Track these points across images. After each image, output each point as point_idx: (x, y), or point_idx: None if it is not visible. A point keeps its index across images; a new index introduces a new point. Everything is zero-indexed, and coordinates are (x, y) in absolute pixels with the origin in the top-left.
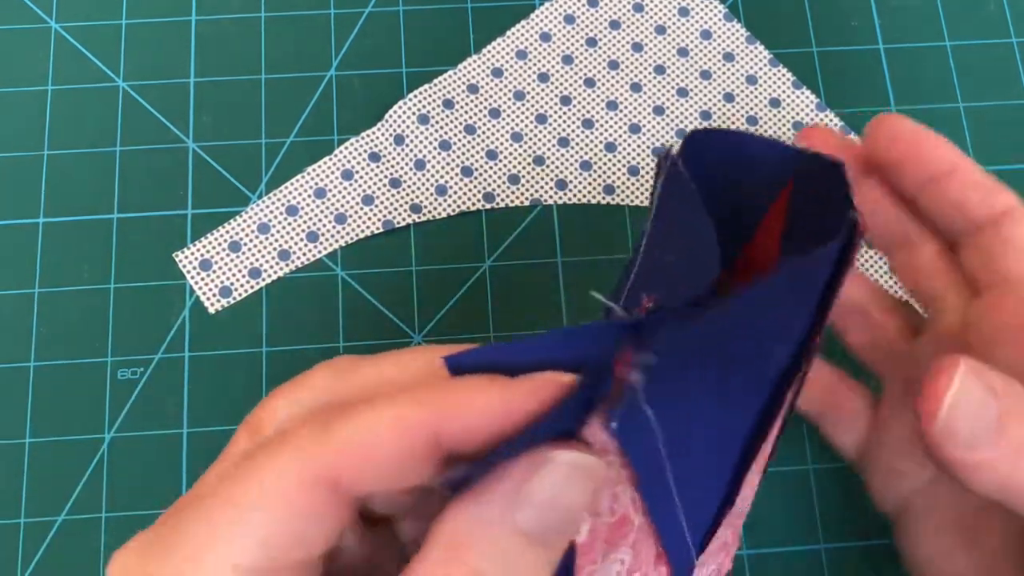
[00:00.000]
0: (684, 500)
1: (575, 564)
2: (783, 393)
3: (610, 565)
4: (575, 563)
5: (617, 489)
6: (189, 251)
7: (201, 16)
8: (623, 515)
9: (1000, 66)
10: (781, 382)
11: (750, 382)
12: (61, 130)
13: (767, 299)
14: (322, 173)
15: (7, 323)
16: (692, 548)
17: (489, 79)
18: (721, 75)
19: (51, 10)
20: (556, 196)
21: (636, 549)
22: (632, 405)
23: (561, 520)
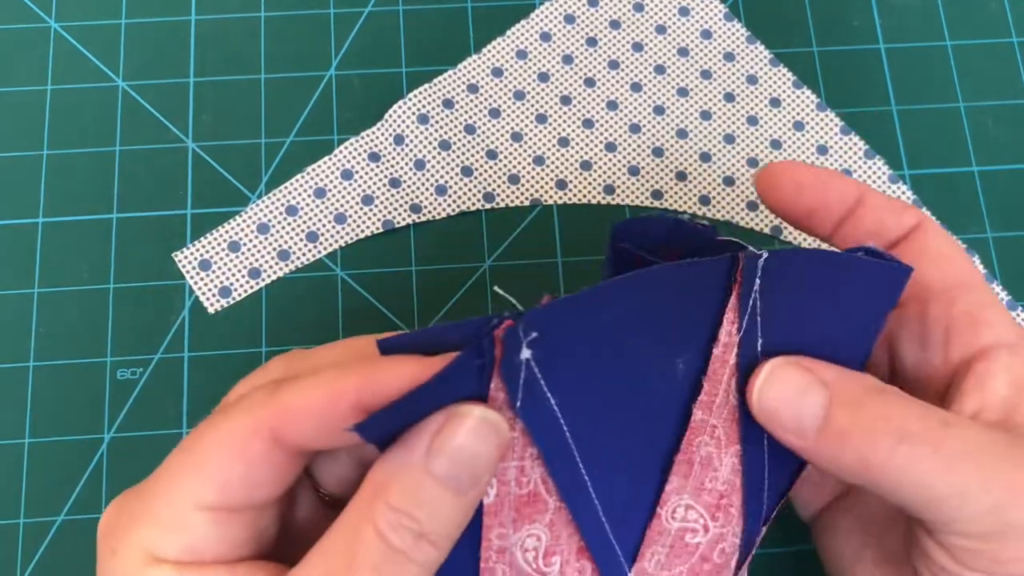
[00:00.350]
0: (607, 504)
1: (483, 523)
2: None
3: (525, 538)
4: (483, 522)
5: (524, 463)
6: (188, 251)
7: (201, 16)
8: (533, 491)
9: (1001, 66)
10: (688, 401)
11: (661, 399)
12: (60, 130)
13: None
14: (322, 173)
15: (7, 323)
16: (620, 556)
17: (489, 79)
18: (721, 75)
19: (50, 10)
20: (556, 196)
21: (555, 532)
22: (533, 387)
23: (470, 468)
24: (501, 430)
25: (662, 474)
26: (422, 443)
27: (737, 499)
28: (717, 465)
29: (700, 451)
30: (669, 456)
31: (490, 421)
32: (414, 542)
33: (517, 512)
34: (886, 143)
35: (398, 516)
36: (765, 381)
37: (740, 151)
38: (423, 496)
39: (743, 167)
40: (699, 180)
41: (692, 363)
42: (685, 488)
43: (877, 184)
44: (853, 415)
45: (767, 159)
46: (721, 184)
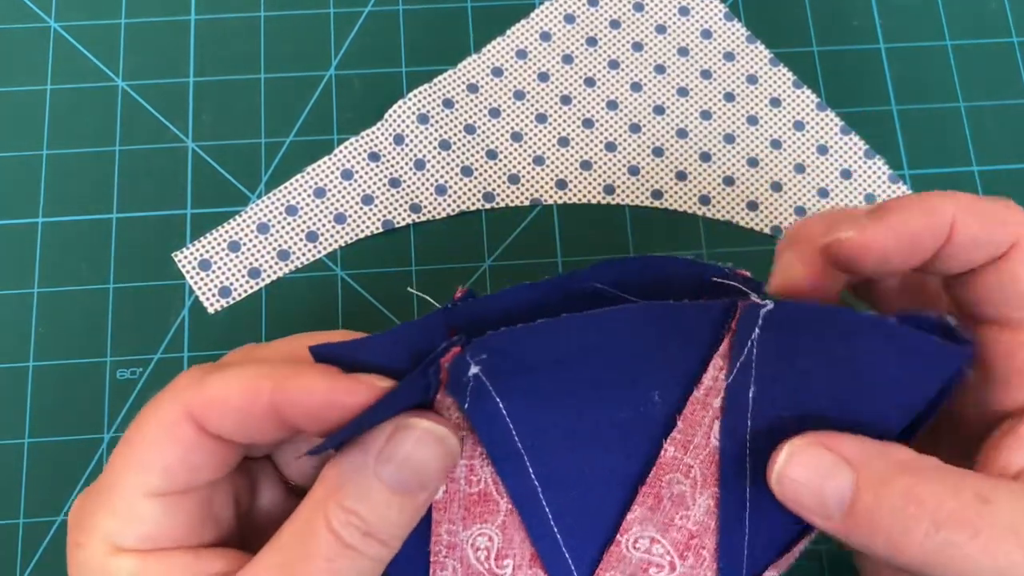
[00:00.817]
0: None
1: (432, 519)
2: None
3: (476, 536)
4: (432, 517)
5: (474, 462)
6: (188, 251)
7: (200, 15)
8: (483, 491)
9: (1001, 66)
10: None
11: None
12: (60, 130)
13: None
14: (322, 173)
15: (7, 323)
16: (574, 570)
17: (489, 79)
18: (721, 74)
19: (50, 9)
20: (556, 196)
21: (507, 535)
22: (482, 393)
23: (418, 476)
24: (448, 442)
25: (625, 501)
26: (374, 449)
27: (710, 542)
28: (690, 504)
29: (672, 488)
30: (634, 485)
31: (436, 433)
32: (363, 539)
33: (466, 510)
34: (886, 143)
35: (348, 516)
36: (785, 464)
37: (740, 151)
38: (372, 498)
39: (743, 167)
40: (699, 180)
41: (669, 399)
42: (650, 520)
43: (877, 184)
44: (881, 498)
45: (767, 159)
46: (721, 184)
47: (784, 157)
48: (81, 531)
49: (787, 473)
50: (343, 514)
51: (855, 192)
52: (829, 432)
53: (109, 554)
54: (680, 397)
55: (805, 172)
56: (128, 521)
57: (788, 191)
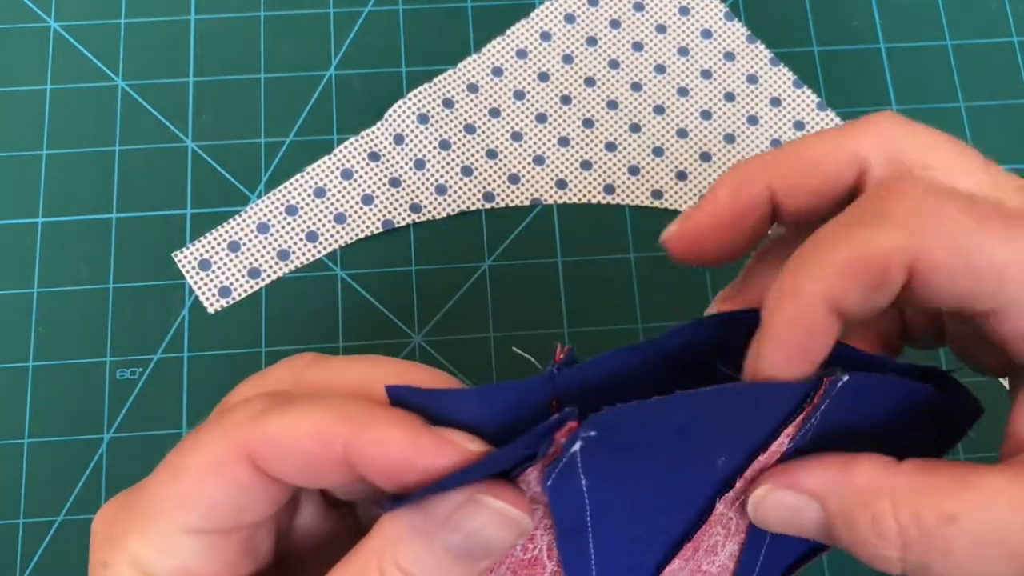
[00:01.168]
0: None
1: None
2: (712, 505)
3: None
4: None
5: (536, 532)
6: (188, 251)
7: (200, 15)
8: (535, 557)
9: (1001, 66)
10: (714, 495)
11: (688, 490)
12: (60, 130)
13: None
14: (322, 173)
15: (7, 323)
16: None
17: (489, 78)
18: (722, 74)
19: (50, 9)
20: (556, 196)
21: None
22: (570, 469)
23: (482, 551)
24: (523, 524)
25: (665, 556)
26: (441, 515)
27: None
28: (718, 551)
29: (710, 540)
30: (679, 542)
31: (511, 515)
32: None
33: (514, 573)
34: None
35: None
36: (755, 511)
37: (740, 151)
38: (429, 564)
39: None
40: (699, 180)
41: (731, 463)
42: (684, 569)
43: None
44: (852, 531)
45: None
46: None
47: None
48: (110, 550)
49: (761, 519)
50: (397, 573)
51: None
52: (791, 465)
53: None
54: (743, 462)
55: None
56: (162, 553)
57: None
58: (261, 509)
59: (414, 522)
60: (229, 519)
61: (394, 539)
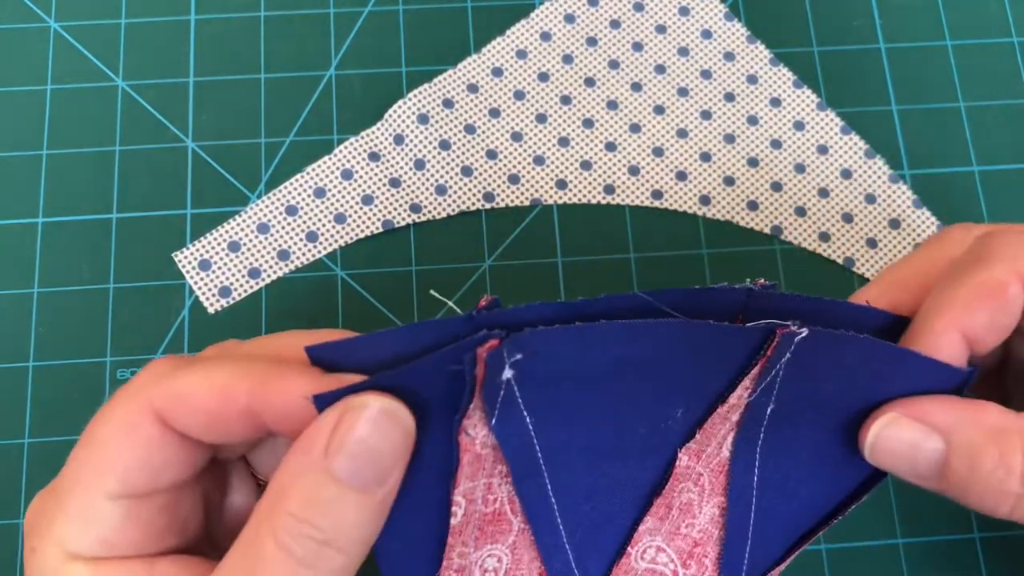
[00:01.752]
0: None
1: (447, 542)
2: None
3: (485, 557)
4: (447, 541)
5: (492, 480)
6: (188, 251)
7: (200, 15)
8: (498, 510)
9: (1001, 66)
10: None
11: (650, 442)
12: (60, 130)
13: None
14: (322, 173)
15: (7, 323)
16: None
17: (489, 79)
18: (722, 74)
19: (50, 9)
20: (556, 196)
21: (516, 555)
22: (510, 405)
23: (374, 464)
24: (406, 422)
25: (637, 513)
26: (320, 442)
27: (713, 551)
28: (696, 512)
29: (681, 496)
30: (648, 497)
31: (390, 411)
32: (319, 550)
33: (480, 531)
34: (886, 143)
35: (300, 525)
36: (877, 438)
37: (740, 151)
38: (325, 500)
39: (743, 167)
40: (699, 180)
41: (692, 415)
42: (659, 530)
43: (877, 184)
44: (972, 467)
45: (767, 159)
46: (721, 184)
47: (784, 157)
48: (36, 535)
49: (879, 446)
50: (294, 524)
51: (855, 192)
52: (918, 399)
53: (63, 561)
54: (703, 414)
55: (805, 172)
56: (84, 525)
57: (788, 191)
58: (176, 470)
59: (297, 462)
60: (145, 480)
61: (282, 490)
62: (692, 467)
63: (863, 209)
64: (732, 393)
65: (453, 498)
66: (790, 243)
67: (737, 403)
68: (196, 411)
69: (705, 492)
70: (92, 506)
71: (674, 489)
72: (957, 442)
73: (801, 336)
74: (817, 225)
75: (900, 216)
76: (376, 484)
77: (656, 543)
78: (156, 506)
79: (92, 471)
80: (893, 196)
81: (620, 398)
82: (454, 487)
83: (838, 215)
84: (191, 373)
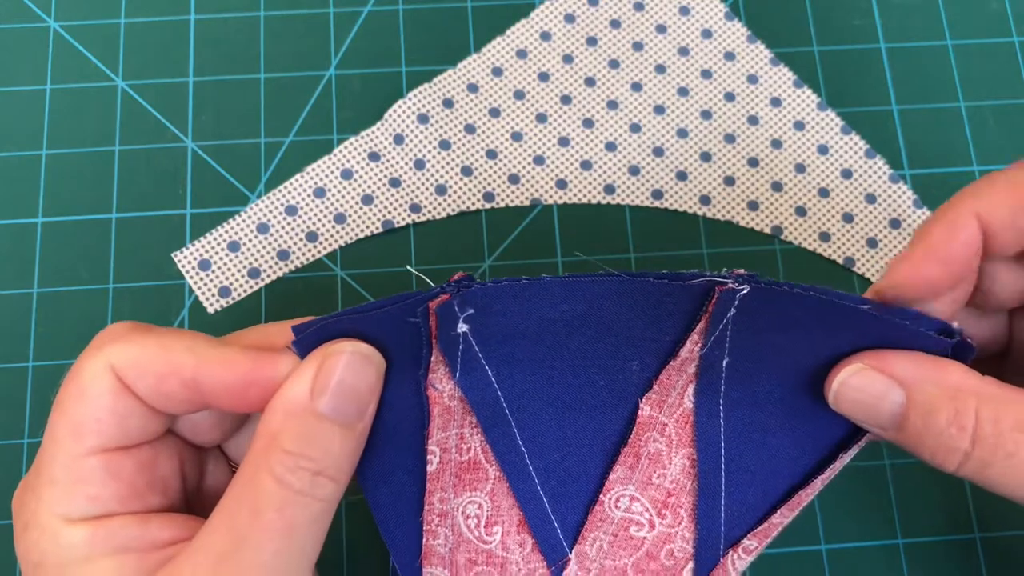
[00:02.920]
0: (545, 479)
1: (426, 488)
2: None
3: (466, 504)
4: (426, 487)
5: (464, 431)
6: (188, 251)
7: (200, 15)
8: (473, 459)
9: (1001, 66)
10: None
11: (610, 392)
12: (60, 130)
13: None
14: (321, 173)
15: (7, 323)
16: (560, 533)
17: (489, 78)
18: (722, 74)
19: (50, 9)
20: (556, 196)
21: (495, 502)
22: (470, 358)
23: (354, 401)
24: (375, 359)
25: (606, 462)
26: (304, 386)
27: (688, 502)
28: (666, 463)
29: (648, 446)
30: (615, 446)
31: (363, 353)
32: (312, 480)
33: (457, 478)
34: (886, 143)
35: (294, 459)
36: (841, 385)
37: (740, 151)
38: (315, 435)
39: (743, 167)
40: (699, 180)
41: (647, 369)
42: (631, 479)
43: (877, 183)
44: (928, 422)
45: (768, 159)
46: (721, 184)
47: (784, 157)
48: (26, 512)
49: (844, 395)
50: (289, 459)
51: (856, 192)
52: (884, 352)
53: (60, 527)
54: (658, 367)
55: (805, 172)
56: (71, 486)
57: (788, 191)
58: (142, 421)
59: (284, 403)
60: (117, 430)
61: (274, 431)
62: (656, 417)
63: (863, 209)
64: (682, 348)
65: (428, 447)
66: (790, 243)
67: (689, 356)
68: (144, 374)
69: (673, 443)
70: (74, 465)
71: (640, 439)
72: (916, 397)
73: (743, 293)
74: (817, 225)
75: (900, 216)
76: (357, 418)
77: (629, 492)
78: (134, 463)
79: (67, 433)
80: (893, 196)
81: (575, 352)
82: (427, 437)
83: (838, 215)
84: (147, 338)
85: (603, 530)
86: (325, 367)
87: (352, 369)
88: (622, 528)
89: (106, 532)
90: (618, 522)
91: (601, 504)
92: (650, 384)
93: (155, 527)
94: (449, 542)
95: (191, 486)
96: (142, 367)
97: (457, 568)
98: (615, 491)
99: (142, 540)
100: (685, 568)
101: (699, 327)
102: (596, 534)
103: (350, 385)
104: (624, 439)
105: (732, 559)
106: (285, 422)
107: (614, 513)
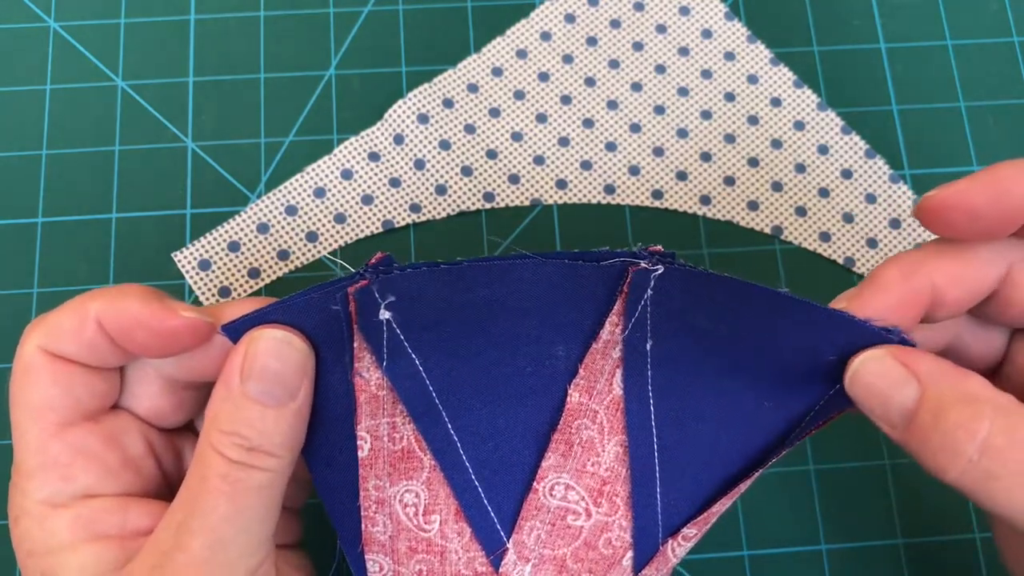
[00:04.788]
0: (479, 468)
1: (359, 474)
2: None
3: (403, 493)
4: (358, 473)
5: (395, 420)
6: (188, 251)
7: (200, 15)
8: (407, 448)
9: (1001, 66)
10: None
11: (537, 379)
12: (60, 129)
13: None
14: (321, 173)
15: (7, 323)
16: (496, 523)
17: (489, 78)
18: (722, 74)
19: (50, 9)
20: (556, 196)
21: (432, 491)
22: (396, 347)
23: (280, 383)
24: (296, 343)
25: (539, 450)
26: (235, 372)
27: (623, 490)
28: (599, 451)
29: (581, 433)
30: (547, 434)
31: (282, 338)
32: (249, 454)
33: (392, 467)
34: (886, 143)
35: (229, 437)
36: (859, 368)
37: (741, 151)
38: (246, 416)
39: (743, 167)
40: (699, 180)
41: (571, 353)
42: (564, 467)
43: (877, 183)
44: (937, 418)
45: (768, 159)
46: (721, 184)
47: (784, 157)
48: (15, 507)
49: (859, 378)
50: (224, 437)
51: (856, 192)
52: (912, 349)
53: (45, 514)
54: (581, 351)
55: (806, 172)
56: (45, 472)
57: (789, 191)
58: (89, 385)
59: (218, 392)
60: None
61: (213, 415)
62: (585, 403)
63: (863, 209)
64: (602, 330)
65: (357, 433)
66: (790, 243)
67: (611, 339)
68: (63, 334)
69: (605, 430)
70: (42, 449)
71: (570, 426)
72: (931, 395)
73: (657, 273)
74: (817, 225)
75: (900, 216)
76: (287, 398)
77: (563, 480)
78: (98, 440)
79: (27, 419)
80: (893, 196)
81: (499, 338)
82: (356, 424)
83: (838, 215)
84: (62, 306)
85: (540, 519)
86: (249, 353)
87: (275, 355)
88: (559, 517)
89: (88, 518)
90: (554, 511)
91: (536, 492)
92: (576, 369)
93: (134, 515)
94: (388, 530)
95: (170, 471)
96: (59, 330)
97: (399, 556)
98: (549, 479)
99: (123, 528)
100: (624, 557)
101: (616, 308)
102: (533, 523)
103: (275, 370)
104: (554, 426)
105: (672, 547)
106: (221, 405)
107: (549, 501)
